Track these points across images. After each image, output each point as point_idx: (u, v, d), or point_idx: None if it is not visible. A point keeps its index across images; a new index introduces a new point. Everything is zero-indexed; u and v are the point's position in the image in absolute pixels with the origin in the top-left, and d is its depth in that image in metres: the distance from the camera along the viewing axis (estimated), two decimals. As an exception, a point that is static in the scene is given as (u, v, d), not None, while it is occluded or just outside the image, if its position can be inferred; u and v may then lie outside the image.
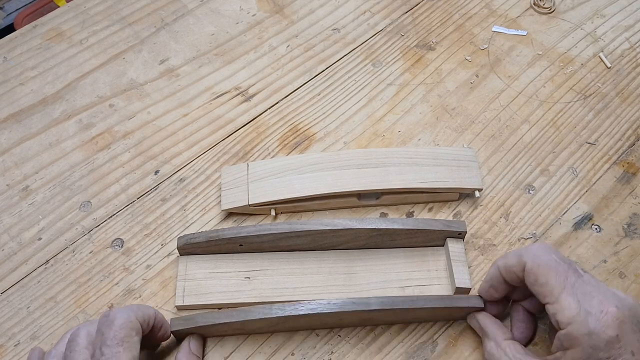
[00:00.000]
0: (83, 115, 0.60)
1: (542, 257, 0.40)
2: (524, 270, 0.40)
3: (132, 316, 0.40)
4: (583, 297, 0.37)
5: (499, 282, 0.43)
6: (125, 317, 0.40)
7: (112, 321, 0.40)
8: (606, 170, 0.55)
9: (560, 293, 0.38)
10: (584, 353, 0.36)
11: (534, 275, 0.39)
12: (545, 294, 0.39)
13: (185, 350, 0.44)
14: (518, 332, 0.44)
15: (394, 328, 0.47)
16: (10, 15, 1.45)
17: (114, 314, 0.40)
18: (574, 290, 0.38)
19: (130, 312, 0.41)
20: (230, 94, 0.61)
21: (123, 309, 0.41)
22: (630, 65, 0.62)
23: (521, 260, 0.40)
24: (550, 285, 0.38)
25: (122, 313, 0.40)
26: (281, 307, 0.43)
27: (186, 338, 0.45)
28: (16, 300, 0.49)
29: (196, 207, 0.54)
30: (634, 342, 0.36)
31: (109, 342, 0.39)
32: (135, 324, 0.40)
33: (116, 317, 0.40)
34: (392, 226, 0.48)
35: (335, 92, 0.61)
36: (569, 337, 0.37)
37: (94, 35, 0.66)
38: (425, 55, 0.63)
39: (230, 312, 0.44)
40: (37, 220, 0.53)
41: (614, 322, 0.36)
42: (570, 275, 0.39)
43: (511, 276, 0.42)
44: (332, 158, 0.52)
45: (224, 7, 0.68)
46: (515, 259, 0.41)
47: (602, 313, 0.36)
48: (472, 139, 0.57)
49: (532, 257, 0.40)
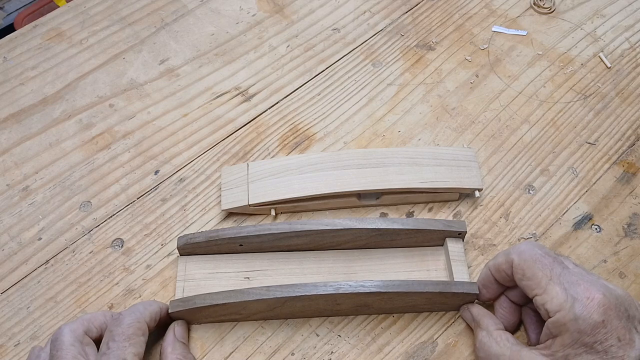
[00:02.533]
0: (83, 115, 0.60)
1: (527, 252, 0.41)
2: (512, 267, 0.42)
3: (140, 317, 0.43)
4: (569, 286, 0.39)
5: (490, 282, 0.45)
6: (133, 318, 0.42)
7: (121, 320, 0.42)
8: (606, 170, 0.55)
9: (547, 284, 0.39)
10: (572, 338, 0.37)
11: (521, 270, 0.41)
12: (533, 287, 0.40)
13: (170, 338, 0.45)
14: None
15: (394, 328, 0.47)
16: (10, 15, 1.45)
17: (124, 314, 0.43)
18: (560, 280, 0.39)
19: (139, 314, 0.43)
20: (230, 94, 0.61)
21: (132, 311, 0.43)
22: (630, 65, 0.62)
23: (509, 257, 0.42)
24: (538, 277, 0.40)
25: (130, 314, 0.43)
26: (278, 289, 0.44)
27: (171, 325, 0.46)
28: (16, 300, 0.49)
29: (196, 207, 0.54)
30: (619, 328, 0.37)
31: (116, 338, 0.41)
32: (142, 325, 0.42)
33: (125, 317, 0.42)
34: (392, 226, 0.48)
35: (335, 92, 0.61)
36: (557, 324, 0.38)
37: (94, 35, 0.66)
38: (425, 55, 0.63)
39: (228, 293, 0.44)
40: (37, 220, 0.53)
41: (600, 308, 0.37)
42: (555, 267, 0.40)
43: (501, 275, 0.43)
44: (332, 158, 0.52)
45: (224, 7, 0.68)
46: (503, 257, 0.43)
47: (588, 299, 0.37)
48: (472, 139, 0.57)
49: (518, 253, 0.42)
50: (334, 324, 0.48)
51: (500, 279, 0.44)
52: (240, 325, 0.48)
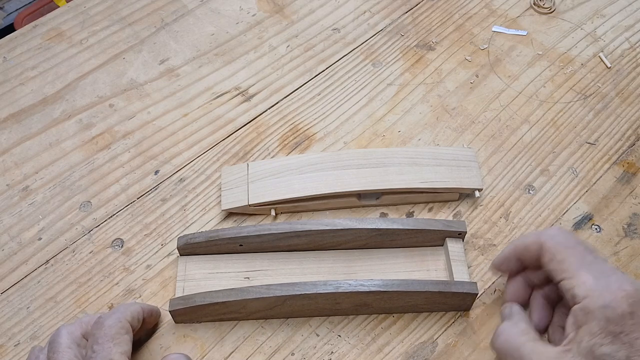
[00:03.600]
0: (83, 115, 0.60)
1: (560, 237, 0.42)
2: (542, 248, 0.42)
3: (120, 317, 0.42)
4: (600, 275, 0.39)
5: (512, 258, 0.45)
6: (114, 318, 0.42)
7: (102, 323, 0.42)
8: (606, 170, 0.55)
9: (577, 269, 0.39)
10: (599, 326, 0.37)
11: (551, 254, 0.41)
12: (562, 271, 0.40)
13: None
14: (536, 318, 0.45)
15: (394, 328, 0.47)
16: (10, 15, 1.45)
17: (104, 317, 0.42)
18: (590, 268, 0.39)
19: (119, 314, 0.42)
20: (230, 94, 0.61)
21: (112, 312, 0.43)
22: (630, 65, 0.62)
23: (539, 239, 0.42)
24: (568, 262, 0.40)
25: (110, 315, 0.42)
26: (278, 287, 0.44)
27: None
28: (16, 300, 0.49)
29: (196, 207, 0.54)
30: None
31: (100, 340, 0.40)
32: (124, 324, 0.42)
33: (105, 319, 0.42)
34: (392, 226, 0.48)
35: (335, 92, 0.61)
36: (585, 311, 0.38)
37: (94, 35, 0.66)
38: (425, 55, 0.63)
39: (228, 291, 0.45)
40: (37, 220, 0.53)
41: (629, 299, 0.37)
42: (587, 255, 0.40)
43: (526, 254, 0.43)
44: (332, 158, 0.52)
45: (224, 7, 0.68)
46: (533, 238, 0.43)
47: (618, 290, 0.37)
48: (472, 139, 0.57)
49: (550, 236, 0.42)
50: (334, 324, 0.48)
51: (524, 259, 0.44)
52: (240, 325, 0.48)
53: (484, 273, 0.50)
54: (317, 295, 0.44)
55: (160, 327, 0.48)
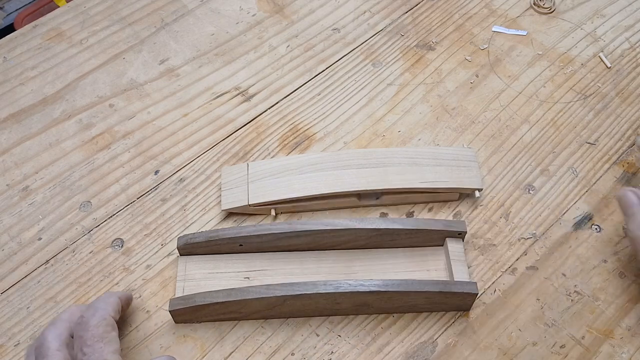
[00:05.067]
0: (83, 115, 0.60)
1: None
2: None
3: (104, 314, 0.41)
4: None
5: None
6: (98, 316, 0.41)
7: (86, 323, 0.41)
8: (606, 170, 0.55)
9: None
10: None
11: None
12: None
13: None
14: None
15: (394, 328, 0.47)
16: (10, 15, 1.45)
17: (87, 316, 0.41)
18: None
19: (102, 312, 0.41)
20: (230, 94, 0.61)
21: (94, 310, 0.42)
22: (630, 65, 0.62)
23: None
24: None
25: (94, 313, 0.41)
26: (278, 287, 0.44)
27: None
28: (16, 300, 0.49)
29: (196, 207, 0.54)
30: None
31: (89, 342, 0.40)
32: (109, 321, 0.41)
33: (89, 318, 0.41)
34: (392, 226, 0.48)
35: (335, 92, 0.61)
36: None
37: (94, 35, 0.66)
38: (425, 55, 0.63)
39: (228, 291, 0.45)
40: (37, 220, 0.53)
41: None
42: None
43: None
44: (332, 158, 0.52)
45: (224, 7, 0.68)
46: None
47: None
48: (472, 139, 0.57)
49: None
50: (334, 324, 0.48)
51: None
52: (240, 325, 0.48)
53: (484, 273, 0.50)
54: (317, 295, 0.44)
55: (160, 327, 0.48)
